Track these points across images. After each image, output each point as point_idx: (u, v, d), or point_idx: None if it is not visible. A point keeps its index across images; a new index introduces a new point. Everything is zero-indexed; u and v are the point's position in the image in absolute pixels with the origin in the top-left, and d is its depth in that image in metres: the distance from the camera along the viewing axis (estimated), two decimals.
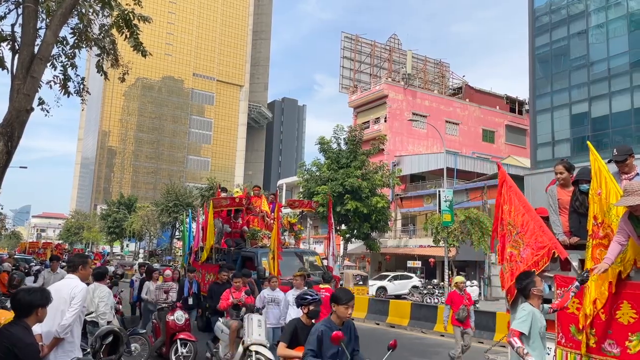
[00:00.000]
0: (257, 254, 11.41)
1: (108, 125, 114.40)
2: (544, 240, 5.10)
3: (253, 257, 11.49)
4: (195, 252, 13.51)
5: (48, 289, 4.24)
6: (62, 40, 10.31)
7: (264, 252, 11.05)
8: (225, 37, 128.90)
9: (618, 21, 28.56)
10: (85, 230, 79.90)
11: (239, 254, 11.91)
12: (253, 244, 12.12)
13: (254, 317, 8.16)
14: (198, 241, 13.59)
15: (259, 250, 11.49)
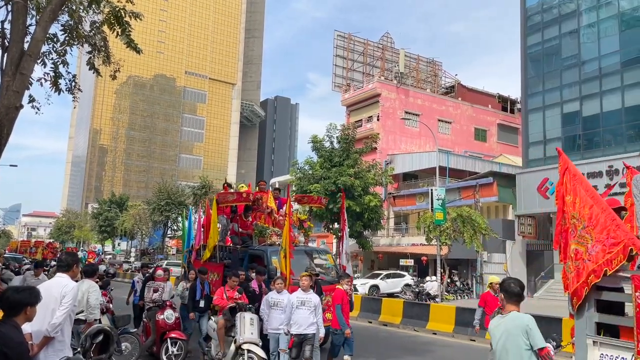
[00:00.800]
0: (266, 252, 10.57)
1: (99, 124, 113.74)
2: (619, 235, 4.51)
3: (262, 255, 10.67)
4: (197, 251, 12.76)
5: (37, 288, 4.19)
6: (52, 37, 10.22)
7: (274, 251, 10.40)
8: (218, 35, 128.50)
9: (609, 21, 28.73)
10: (76, 229, 79.42)
11: (246, 253, 11.11)
12: (261, 241, 11.26)
13: (246, 315, 8.15)
14: (199, 239, 12.86)
15: (269, 248, 10.66)
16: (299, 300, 7.88)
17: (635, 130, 27.00)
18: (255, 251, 11.02)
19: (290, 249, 9.35)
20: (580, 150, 28.98)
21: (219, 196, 11.68)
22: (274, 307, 8.14)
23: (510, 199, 33.46)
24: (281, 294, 8.20)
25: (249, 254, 10.98)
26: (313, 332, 7.84)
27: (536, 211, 30.92)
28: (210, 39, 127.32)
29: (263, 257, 10.56)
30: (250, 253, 11.01)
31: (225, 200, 11.50)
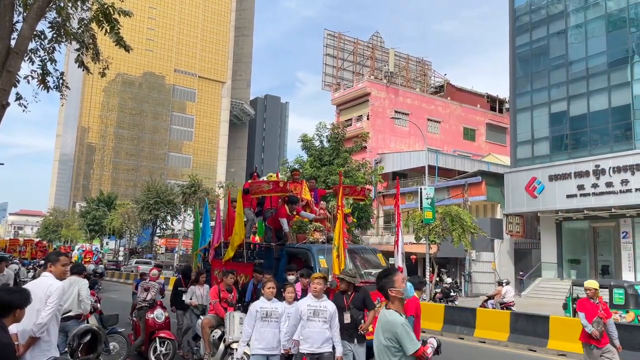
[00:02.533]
0: (311, 251, 8.86)
1: (87, 122, 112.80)
2: None
3: (306, 254, 8.90)
4: (215, 249, 11.23)
5: (28, 290, 4.17)
6: (40, 34, 10.13)
7: (320, 249, 8.87)
8: (207, 33, 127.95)
9: (596, 21, 29.01)
10: (64, 228, 78.76)
11: (284, 251, 9.35)
12: (300, 238, 9.50)
13: (235, 314, 8.14)
14: (219, 236, 11.19)
15: (314, 247, 9.00)
16: (311, 309, 6.14)
17: (622, 130, 27.31)
18: (297, 250, 9.24)
19: (344, 248, 8.05)
20: (568, 149, 29.26)
21: (251, 185, 10.21)
22: (267, 319, 6.49)
23: (499, 198, 33.71)
24: (271, 302, 6.64)
25: (288, 253, 9.32)
26: (330, 351, 6.26)
27: (524, 210, 31.18)
28: (200, 36, 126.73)
29: (308, 257, 8.86)
30: (289, 252, 9.34)
31: (258, 191, 9.95)
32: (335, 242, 8.05)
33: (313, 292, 6.29)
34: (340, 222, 8.22)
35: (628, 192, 25.39)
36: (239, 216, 9.95)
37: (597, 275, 28.04)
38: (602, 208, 26.89)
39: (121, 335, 9.03)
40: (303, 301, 6.32)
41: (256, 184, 10.13)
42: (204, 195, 44.03)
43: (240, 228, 9.90)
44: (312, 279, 6.41)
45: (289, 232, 9.36)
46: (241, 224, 9.94)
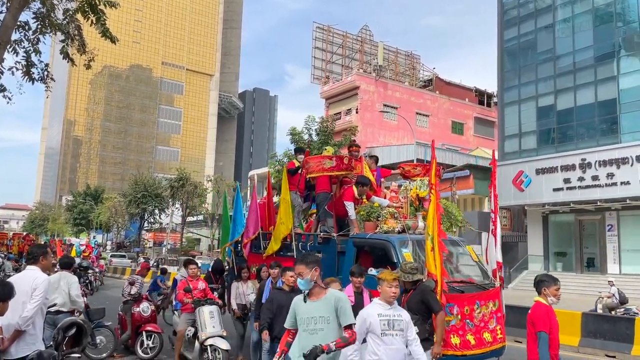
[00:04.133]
0: (392, 243, 7.00)
1: (73, 114, 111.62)
2: None
3: (385, 247, 7.12)
4: (252, 242, 9.75)
5: (11, 283, 4.13)
6: (24, 25, 9.99)
7: (402, 240, 7.11)
8: (195, 25, 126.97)
9: (583, 16, 29.18)
10: (50, 222, 78.08)
11: (351, 243, 7.56)
12: (369, 227, 7.64)
13: (204, 309, 7.97)
14: (256, 226, 9.55)
15: (395, 237, 7.17)
16: (384, 320, 4.63)
17: (608, 124, 27.56)
18: (371, 241, 7.41)
19: (440, 238, 6.28)
20: (555, 143, 29.48)
21: (307, 163, 8.37)
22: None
23: (486, 191, 33.85)
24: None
25: (357, 245, 7.54)
26: None
27: (511, 203, 31.41)
28: (188, 29, 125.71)
29: (387, 250, 7.06)
30: (358, 243, 7.53)
31: (317, 169, 8.07)
32: (428, 231, 6.29)
33: (387, 297, 4.70)
34: (434, 205, 6.41)
35: (613, 185, 25.65)
36: (284, 202, 8.51)
37: (582, 267, 28.38)
38: (588, 201, 27.16)
39: (108, 329, 8.98)
40: (371, 310, 4.73)
41: (315, 161, 8.22)
42: (192, 189, 43.83)
43: (286, 216, 8.45)
44: (385, 279, 4.73)
45: (355, 220, 7.71)
46: (288, 211, 8.47)
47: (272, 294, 6.52)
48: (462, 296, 6.33)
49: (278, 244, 8.67)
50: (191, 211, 46.29)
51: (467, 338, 6.09)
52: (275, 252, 8.75)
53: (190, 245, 58.33)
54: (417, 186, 8.63)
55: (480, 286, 7.04)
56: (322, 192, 8.51)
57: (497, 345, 6.44)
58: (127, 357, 9.05)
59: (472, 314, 6.28)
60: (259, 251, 9.32)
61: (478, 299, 6.52)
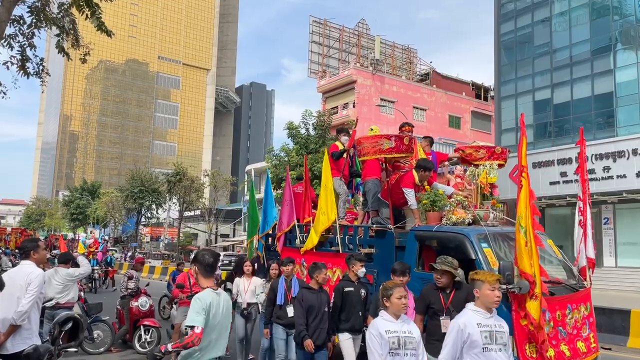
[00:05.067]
0: (469, 237, 5.86)
1: (70, 109, 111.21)
2: None
3: (460, 241, 5.94)
4: (286, 235, 8.82)
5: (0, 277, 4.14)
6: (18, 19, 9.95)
7: (481, 233, 5.96)
8: (191, 19, 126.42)
9: (580, 9, 29.19)
10: (47, 217, 77.95)
11: (413, 236, 6.46)
12: (433, 218, 6.57)
13: None
14: (291, 217, 8.65)
15: (471, 230, 6.02)
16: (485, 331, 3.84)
17: (604, 118, 27.63)
18: (442, 234, 6.31)
19: (536, 230, 5.19)
20: (551, 137, 29.56)
21: (361, 143, 7.12)
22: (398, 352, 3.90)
23: None
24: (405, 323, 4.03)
25: (421, 239, 6.44)
26: None
27: (507, 197, 31.48)
28: (184, 23, 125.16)
29: (463, 245, 5.87)
30: (422, 237, 6.45)
31: (372, 150, 6.88)
32: (521, 223, 5.12)
33: (488, 302, 3.87)
34: (527, 191, 5.27)
35: (610, 178, 25.74)
36: (325, 189, 7.55)
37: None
38: None
39: (105, 324, 9.00)
40: (468, 319, 3.83)
41: (371, 142, 6.93)
42: (189, 184, 43.77)
43: (328, 205, 7.43)
44: (485, 280, 3.85)
45: (417, 209, 6.69)
46: (330, 200, 7.46)
47: (300, 294, 5.91)
48: (552, 299, 5.27)
49: (318, 236, 7.68)
50: (188, 206, 46.23)
51: (561, 349, 5.12)
52: (315, 246, 7.81)
53: (187, 240, 58.34)
54: (487, 170, 7.34)
55: (570, 287, 6.03)
56: (371, 178, 7.58)
57: (591, 356, 5.56)
58: (125, 352, 9.08)
59: (565, 320, 5.37)
60: (295, 245, 8.44)
61: (569, 302, 5.60)
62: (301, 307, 5.75)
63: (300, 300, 5.82)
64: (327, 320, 5.79)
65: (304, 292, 5.90)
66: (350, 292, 5.93)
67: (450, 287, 5.14)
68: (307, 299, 5.77)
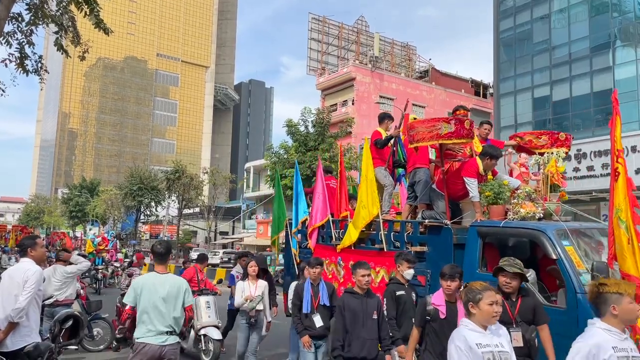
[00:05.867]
0: (547, 234, 5.09)
1: (68, 107, 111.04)
2: None
3: (538, 239, 5.19)
4: (319, 230, 8.07)
5: None
6: (17, 16, 9.93)
7: (559, 230, 5.19)
8: (190, 16, 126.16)
9: (579, 6, 29.19)
10: (46, 215, 77.92)
11: (476, 232, 5.68)
12: (496, 212, 5.82)
13: (201, 299, 8.11)
14: (325, 211, 7.90)
15: (550, 226, 5.24)
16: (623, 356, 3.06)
17: (603, 115, 27.64)
18: (513, 231, 5.60)
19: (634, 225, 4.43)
20: None
21: (415, 128, 6.17)
22: None
23: None
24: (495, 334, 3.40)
25: (485, 236, 5.66)
26: None
27: None
28: (183, 20, 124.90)
29: (540, 243, 5.19)
30: (487, 233, 5.67)
31: (431, 135, 5.97)
32: (620, 216, 4.37)
33: (629, 318, 3.15)
34: (624, 181, 4.52)
35: (608, 175, 25.77)
36: (366, 181, 6.75)
37: None
38: (583, 192, 27.28)
39: (105, 321, 9.00)
40: (601, 340, 3.08)
41: (427, 126, 6.05)
42: (188, 181, 43.75)
43: (369, 198, 6.64)
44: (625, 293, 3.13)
45: (478, 203, 5.91)
46: (372, 193, 6.64)
47: (342, 300, 5.06)
48: None
49: (358, 233, 6.92)
50: (187, 203, 46.22)
51: None
52: (354, 243, 7.06)
53: (186, 238, 58.35)
54: (555, 159, 6.51)
55: None
56: (421, 168, 6.95)
57: None
58: (125, 349, 9.08)
59: None
60: (330, 242, 7.70)
61: None
62: (342, 317, 4.87)
63: (342, 308, 4.94)
64: (378, 330, 4.90)
65: (346, 297, 5.03)
66: (403, 296, 5.26)
67: (516, 294, 4.35)
68: (350, 305, 4.92)
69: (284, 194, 25.27)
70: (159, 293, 4.52)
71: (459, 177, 6.14)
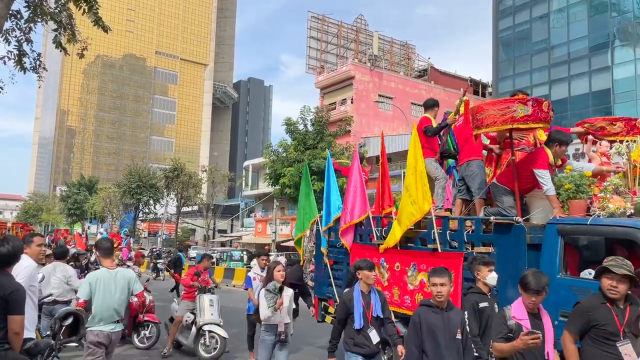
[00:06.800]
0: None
1: (67, 104, 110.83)
2: None
3: (636, 239, 4.58)
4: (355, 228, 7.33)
5: None
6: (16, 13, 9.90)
7: None
8: (189, 14, 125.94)
9: (578, 6, 29.21)
10: (44, 212, 77.81)
11: (555, 230, 5.05)
12: (577, 207, 5.19)
13: (204, 296, 8.16)
14: (364, 206, 7.18)
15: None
16: None
17: (602, 115, 27.66)
18: (602, 229, 4.89)
19: None
20: None
21: (483, 111, 5.35)
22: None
23: None
24: None
25: (566, 234, 5.04)
26: None
27: None
28: (182, 18, 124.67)
29: None
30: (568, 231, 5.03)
31: (503, 119, 5.16)
32: None
33: None
34: None
35: None
36: (415, 173, 5.93)
37: None
38: None
39: None
40: None
41: (499, 107, 5.21)
42: (187, 179, 43.72)
43: (419, 192, 5.85)
44: None
45: (554, 197, 5.25)
46: (422, 186, 5.86)
47: (418, 313, 4.10)
48: None
49: (403, 231, 6.14)
50: (186, 201, 46.21)
51: None
52: (398, 242, 6.28)
53: (185, 236, 58.31)
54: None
55: None
56: (475, 160, 6.32)
57: None
58: (124, 347, 9.07)
59: None
60: (369, 241, 6.95)
61: None
62: (418, 337, 4.01)
63: (418, 324, 4.02)
64: (462, 351, 4.00)
65: (423, 312, 4.08)
66: (486, 309, 4.37)
67: (623, 301, 3.63)
68: (428, 320, 4.00)
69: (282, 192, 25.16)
70: (111, 287, 4.96)
71: (525, 169, 5.47)
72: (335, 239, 7.87)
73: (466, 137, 6.34)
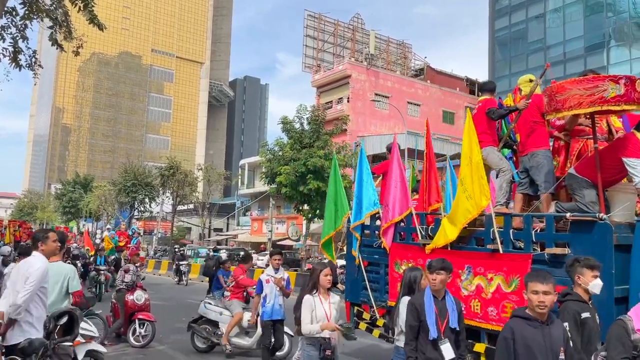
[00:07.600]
0: None
1: (62, 102, 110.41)
2: None
3: None
4: (395, 227, 6.65)
5: None
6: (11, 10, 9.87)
7: None
8: (185, 12, 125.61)
9: (574, 6, 29.31)
10: (39, 210, 77.53)
11: None
12: None
13: None
14: (406, 202, 6.60)
15: None
16: None
17: None
18: None
19: None
20: None
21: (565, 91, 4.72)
22: None
23: None
24: None
25: None
26: None
27: None
28: (178, 16, 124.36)
29: None
30: None
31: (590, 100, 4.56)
32: None
33: None
34: None
35: None
36: (470, 164, 5.25)
37: None
38: None
39: (98, 317, 8.97)
40: None
41: (585, 85, 4.60)
42: (183, 178, 43.65)
43: (475, 186, 5.17)
44: None
45: None
46: (479, 179, 5.17)
47: (511, 327, 3.33)
48: None
49: (458, 230, 5.43)
50: (182, 200, 46.11)
51: None
52: (450, 243, 5.58)
53: (180, 234, 58.21)
54: None
55: None
56: (541, 149, 5.57)
57: None
58: (118, 345, 9.06)
59: None
60: (412, 241, 6.33)
61: None
62: (510, 356, 3.25)
63: (511, 340, 3.26)
64: None
65: (517, 325, 3.31)
66: (589, 320, 3.64)
67: None
68: (524, 337, 3.24)
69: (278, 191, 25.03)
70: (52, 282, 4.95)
71: (611, 157, 4.80)
72: (370, 238, 7.17)
73: (531, 123, 5.56)
